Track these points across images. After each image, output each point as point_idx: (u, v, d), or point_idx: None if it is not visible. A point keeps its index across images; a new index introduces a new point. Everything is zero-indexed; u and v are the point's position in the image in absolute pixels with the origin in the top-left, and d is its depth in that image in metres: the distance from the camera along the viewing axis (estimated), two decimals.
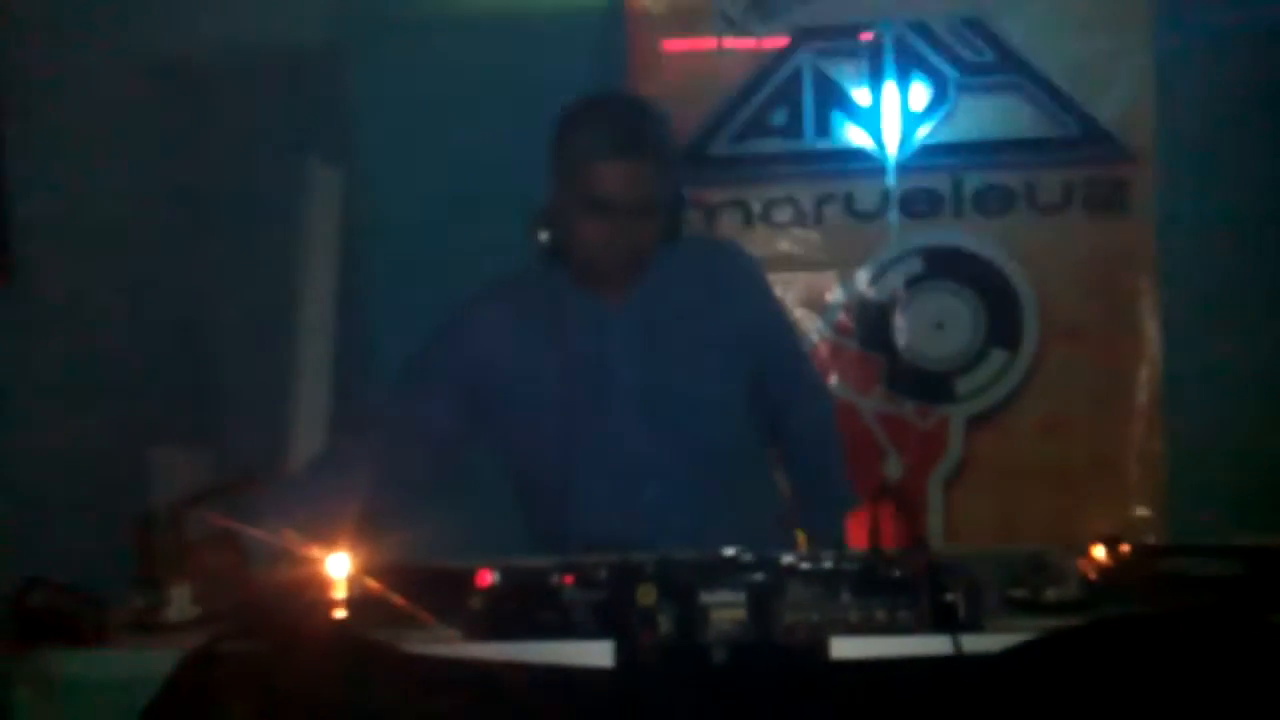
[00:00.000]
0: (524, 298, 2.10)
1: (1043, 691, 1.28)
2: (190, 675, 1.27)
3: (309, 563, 1.52)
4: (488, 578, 1.38)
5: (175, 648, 1.31)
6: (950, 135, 3.09)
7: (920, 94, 3.09)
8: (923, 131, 3.09)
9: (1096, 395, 3.06)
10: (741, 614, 1.34)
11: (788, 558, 1.40)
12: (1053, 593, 1.42)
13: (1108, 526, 1.68)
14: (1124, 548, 1.59)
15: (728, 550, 1.43)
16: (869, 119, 3.11)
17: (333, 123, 3.08)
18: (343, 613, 1.47)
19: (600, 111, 2.00)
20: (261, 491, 1.82)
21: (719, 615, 1.34)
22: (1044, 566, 1.44)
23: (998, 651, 1.30)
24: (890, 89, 3.09)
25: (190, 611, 1.48)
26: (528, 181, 2.05)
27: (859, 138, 3.12)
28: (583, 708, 1.31)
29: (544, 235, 2.02)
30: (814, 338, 3.14)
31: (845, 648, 1.32)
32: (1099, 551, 1.57)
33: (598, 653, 1.32)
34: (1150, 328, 3.04)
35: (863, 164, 3.11)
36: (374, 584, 1.48)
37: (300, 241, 2.95)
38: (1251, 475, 2.87)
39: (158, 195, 2.78)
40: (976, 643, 1.31)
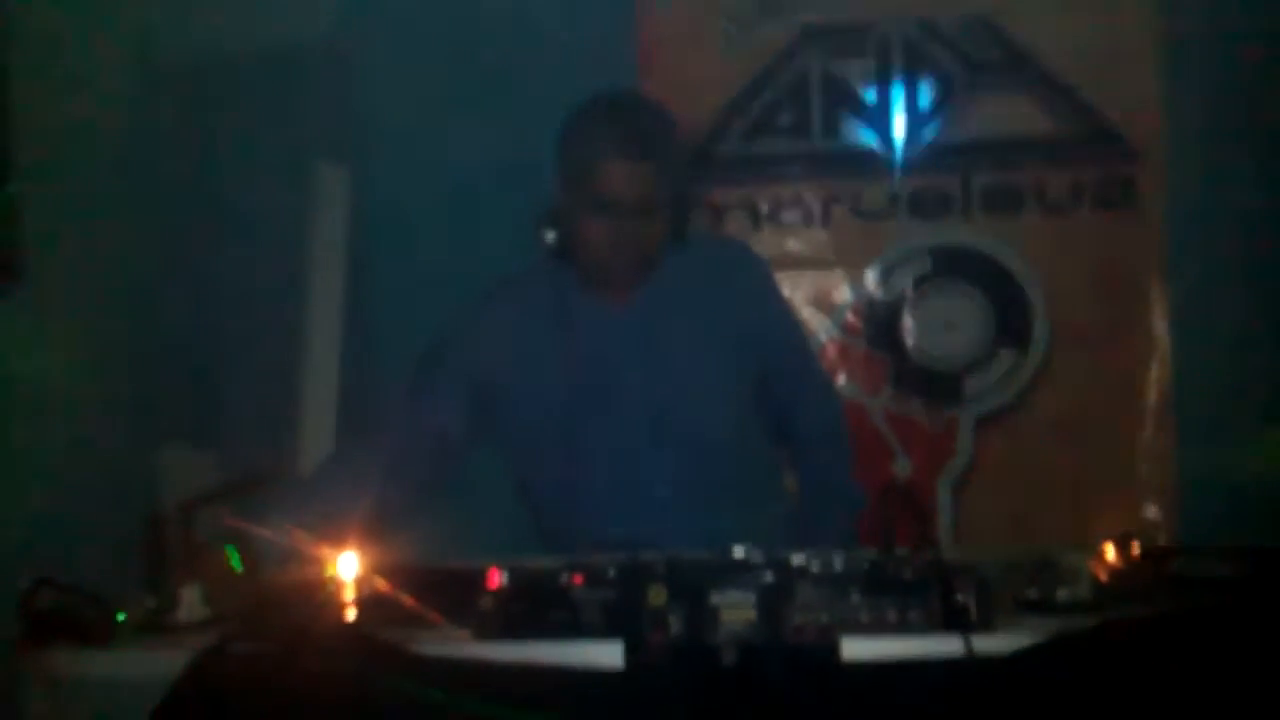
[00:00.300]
0: (530, 298, 2.10)
1: (1054, 692, 1.28)
2: (199, 676, 1.27)
3: (318, 563, 1.52)
4: (497, 578, 1.38)
5: (184, 648, 1.31)
6: (958, 135, 3.09)
7: (928, 93, 3.09)
8: (931, 131, 3.09)
9: (1106, 395, 3.05)
10: (751, 614, 1.33)
11: (798, 558, 1.40)
12: (1063, 593, 1.42)
13: (1118, 526, 1.67)
14: (1135, 548, 1.58)
15: (738, 551, 1.42)
16: (877, 118, 3.11)
17: (337, 124, 3.08)
18: (352, 613, 1.47)
19: (606, 112, 2.00)
20: (270, 492, 1.83)
21: (729, 616, 1.33)
22: (1054, 567, 1.43)
23: (1009, 652, 1.30)
24: (898, 88, 3.09)
25: (200, 612, 1.48)
26: (533, 183, 2.05)
27: (867, 137, 3.11)
28: (592, 708, 1.30)
29: (550, 235, 2.02)
30: (822, 338, 3.14)
31: (856, 648, 1.31)
32: (1110, 552, 1.57)
33: (607, 653, 1.32)
34: (1159, 327, 3.03)
35: (871, 164, 3.11)
36: (383, 584, 1.47)
37: (307, 242, 2.96)
38: (1262, 474, 2.85)
39: (161, 196, 2.78)
40: (987, 643, 1.30)
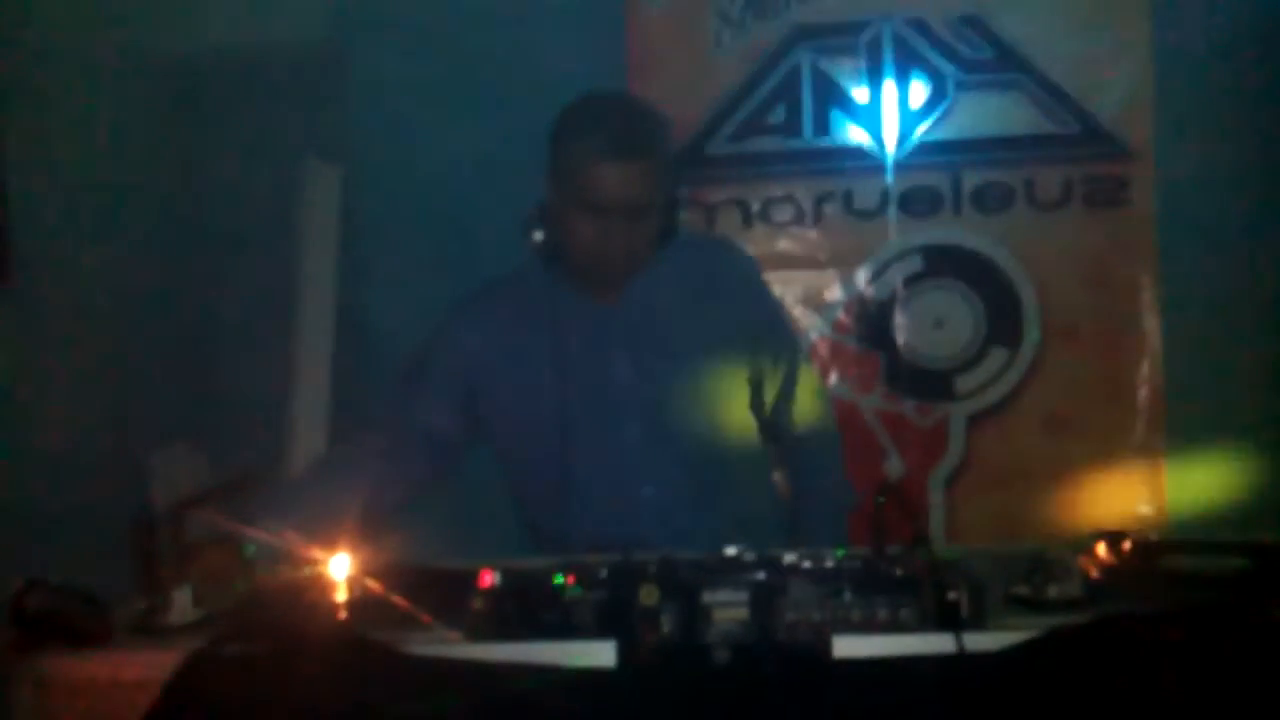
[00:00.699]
0: (519, 298, 2.10)
1: (1045, 689, 1.28)
2: (191, 677, 1.27)
3: (310, 564, 1.52)
4: (489, 578, 1.38)
5: (176, 650, 1.30)
6: (949, 133, 3.09)
7: (919, 91, 3.09)
8: (922, 129, 3.09)
9: (1097, 392, 3.06)
10: (744, 613, 1.33)
11: (789, 557, 1.40)
12: (1055, 590, 1.42)
13: (1109, 523, 1.67)
14: (1126, 545, 1.59)
15: (729, 550, 1.42)
16: (868, 117, 3.11)
17: (332, 122, 3.08)
18: (344, 614, 1.46)
19: (596, 112, 1.99)
20: (262, 493, 1.82)
21: (721, 615, 1.33)
22: (1046, 564, 1.43)
23: (1000, 649, 1.30)
24: (889, 86, 3.09)
25: (191, 614, 1.47)
26: (527, 181, 2.04)
27: (858, 136, 3.11)
28: (585, 708, 1.30)
29: (538, 235, 2.02)
30: (813, 336, 3.14)
31: (847, 646, 1.32)
32: (1101, 548, 1.57)
33: (600, 653, 1.32)
34: (1150, 324, 3.04)
35: (862, 162, 3.11)
36: (375, 585, 1.47)
37: (300, 241, 2.95)
38: (1252, 471, 2.86)
39: (157, 195, 2.78)
40: (979, 641, 1.30)
